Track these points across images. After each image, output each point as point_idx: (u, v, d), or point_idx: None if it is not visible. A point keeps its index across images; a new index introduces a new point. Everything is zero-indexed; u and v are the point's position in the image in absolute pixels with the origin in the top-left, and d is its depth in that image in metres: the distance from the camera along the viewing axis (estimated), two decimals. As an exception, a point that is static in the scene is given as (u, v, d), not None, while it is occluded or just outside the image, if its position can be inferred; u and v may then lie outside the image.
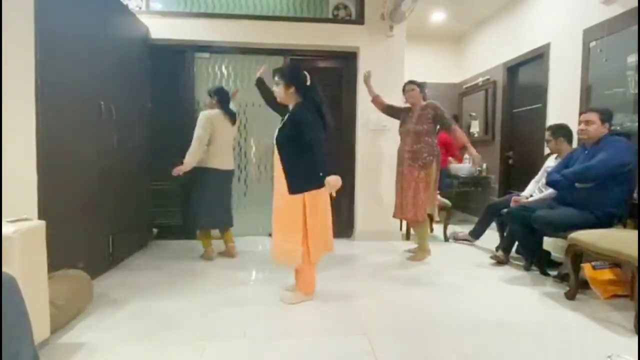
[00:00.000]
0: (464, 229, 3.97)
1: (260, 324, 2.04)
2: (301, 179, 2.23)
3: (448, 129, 3.21)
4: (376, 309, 2.28)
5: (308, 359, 1.71)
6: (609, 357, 1.65)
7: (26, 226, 1.60)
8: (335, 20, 3.89)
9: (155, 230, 3.77)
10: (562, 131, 3.06)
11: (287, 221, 2.26)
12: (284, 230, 2.27)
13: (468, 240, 3.81)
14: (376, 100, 3.45)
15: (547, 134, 3.17)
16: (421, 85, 3.22)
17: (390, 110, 3.46)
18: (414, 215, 3.17)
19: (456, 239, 3.93)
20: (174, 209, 3.83)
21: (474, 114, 5.14)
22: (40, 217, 1.99)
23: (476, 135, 5.07)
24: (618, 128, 2.87)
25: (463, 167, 4.82)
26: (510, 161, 4.44)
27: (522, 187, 3.44)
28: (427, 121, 3.15)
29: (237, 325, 2.01)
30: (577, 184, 2.58)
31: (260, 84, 2.79)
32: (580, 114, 2.73)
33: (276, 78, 2.28)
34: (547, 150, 3.59)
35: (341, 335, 1.93)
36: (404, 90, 3.32)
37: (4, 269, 1.39)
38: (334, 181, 2.13)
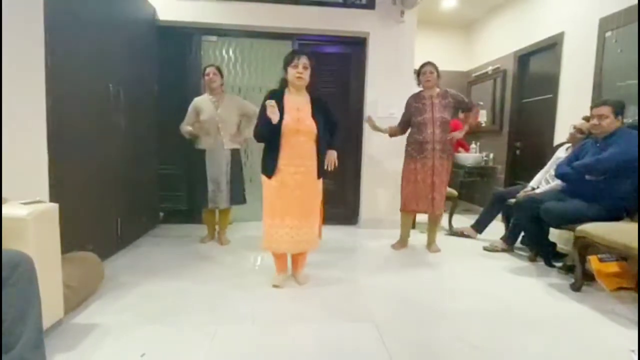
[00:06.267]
0: (469, 219, 3.96)
1: (268, 310, 2.07)
2: (322, 162, 2.36)
3: (471, 110, 3.19)
4: (381, 297, 2.30)
5: (317, 345, 1.74)
6: (633, 351, 1.66)
7: (40, 208, 1.61)
8: (345, 4, 3.81)
9: (161, 214, 3.79)
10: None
11: (317, 207, 2.41)
12: (316, 216, 2.40)
13: (470, 236, 3.65)
14: (393, 132, 3.25)
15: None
16: (438, 71, 3.04)
17: (405, 119, 3.19)
18: (444, 208, 3.17)
19: (457, 234, 3.75)
20: (180, 193, 3.83)
21: (481, 103, 5.08)
22: (51, 199, 2.00)
23: (483, 124, 5.03)
24: (630, 120, 2.84)
25: (469, 157, 4.80)
26: (518, 152, 4.42)
27: (529, 178, 3.43)
28: (450, 111, 3.05)
29: (245, 310, 2.04)
30: (587, 177, 2.57)
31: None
32: (592, 107, 2.68)
33: (305, 61, 2.26)
34: (556, 141, 3.57)
35: (348, 321, 1.96)
36: (420, 72, 3.08)
37: (19, 249, 1.40)
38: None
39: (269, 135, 2.26)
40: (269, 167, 2.28)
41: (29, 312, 1.31)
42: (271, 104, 2.16)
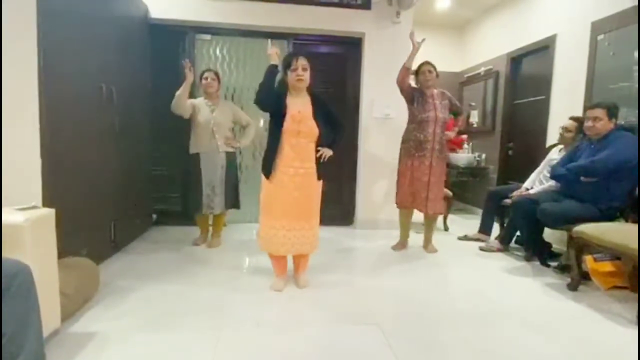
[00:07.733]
0: (463, 218, 3.98)
1: (271, 314, 2.04)
2: (323, 163, 2.34)
3: (460, 114, 3.25)
4: (383, 298, 2.30)
5: (325, 348, 1.72)
6: None
7: (36, 214, 1.55)
8: (341, 4, 3.79)
9: (154, 216, 3.72)
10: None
11: (317, 210, 2.38)
12: (316, 218, 2.38)
13: (480, 240, 3.52)
14: (408, 73, 3.00)
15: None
16: (437, 71, 3.03)
17: (409, 89, 3.05)
18: (441, 208, 3.16)
19: (469, 239, 3.62)
20: (173, 194, 3.76)
21: (473, 103, 5.14)
22: (44, 204, 1.93)
23: (475, 125, 5.09)
24: (622, 122, 2.90)
25: (462, 157, 4.85)
26: (510, 152, 4.47)
27: (521, 179, 3.47)
28: (447, 111, 3.07)
29: (248, 314, 2.01)
30: (582, 178, 2.61)
31: (276, 71, 2.33)
32: (586, 109, 2.73)
33: (304, 62, 2.25)
34: (549, 142, 3.62)
35: (353, 324, 1.95)
36: (418, 71, 3.05)
37: (16, 258, 1.35)
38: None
39: (267, 97, 2.26)
40: (268, 167, 2.26)
41: (30, 322, 1.26)
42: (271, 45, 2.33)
